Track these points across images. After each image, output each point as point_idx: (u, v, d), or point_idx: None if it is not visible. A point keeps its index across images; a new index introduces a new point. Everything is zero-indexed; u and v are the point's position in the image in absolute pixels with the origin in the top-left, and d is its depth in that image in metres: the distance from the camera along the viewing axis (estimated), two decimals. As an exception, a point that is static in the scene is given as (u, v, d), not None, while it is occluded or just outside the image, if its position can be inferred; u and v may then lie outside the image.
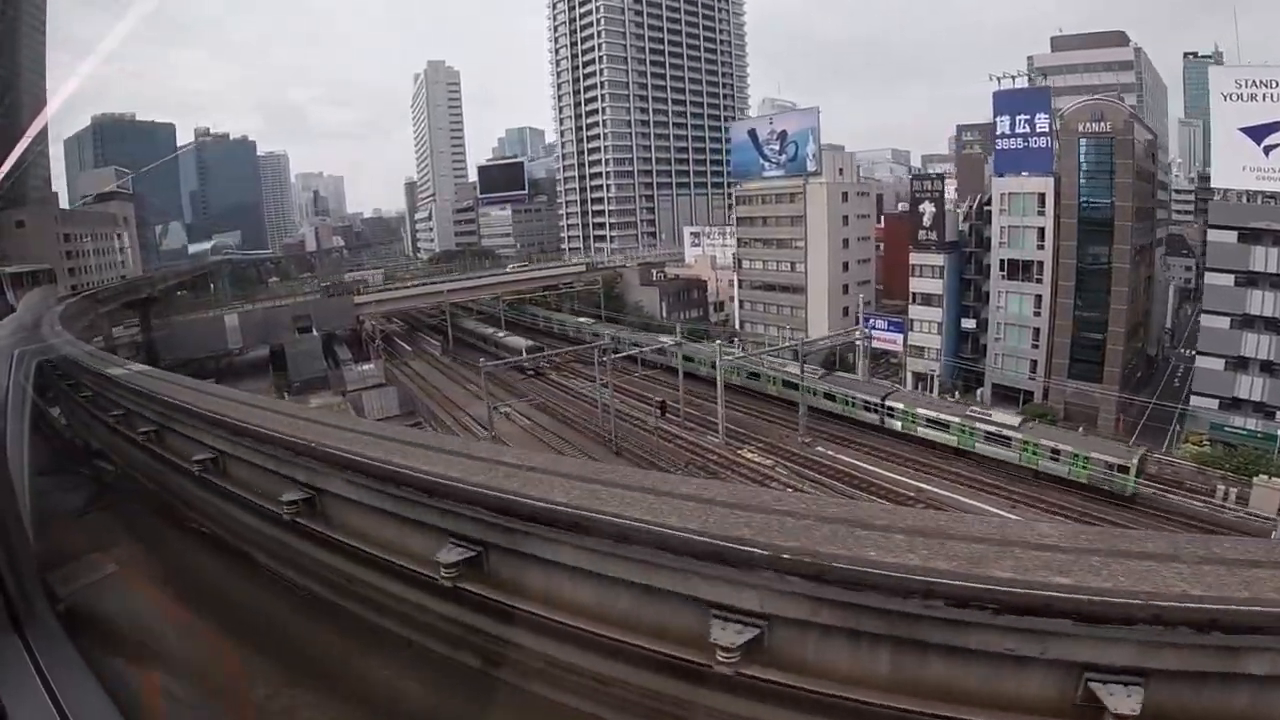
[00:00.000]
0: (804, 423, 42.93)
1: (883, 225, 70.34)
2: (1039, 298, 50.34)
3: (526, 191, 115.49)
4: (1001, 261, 51.25)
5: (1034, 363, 51.15)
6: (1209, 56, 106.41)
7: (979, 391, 53.13)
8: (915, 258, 54.55)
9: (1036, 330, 50.73)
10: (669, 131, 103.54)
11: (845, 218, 60.09)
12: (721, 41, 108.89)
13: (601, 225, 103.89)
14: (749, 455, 41.84)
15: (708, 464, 41.08)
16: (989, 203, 54.05)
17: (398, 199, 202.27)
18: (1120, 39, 69.56)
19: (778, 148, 61.15)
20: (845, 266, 60.62)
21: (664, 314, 71.50)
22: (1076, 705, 3.27)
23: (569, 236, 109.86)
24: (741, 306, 66.69)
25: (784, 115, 61.08)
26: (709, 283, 74.69)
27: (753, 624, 3.60)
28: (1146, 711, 3.08)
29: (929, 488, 37.15)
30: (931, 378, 54.60)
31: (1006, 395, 51.88)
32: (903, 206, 66.34)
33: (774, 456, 41.39)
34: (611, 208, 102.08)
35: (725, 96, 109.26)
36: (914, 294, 55.11)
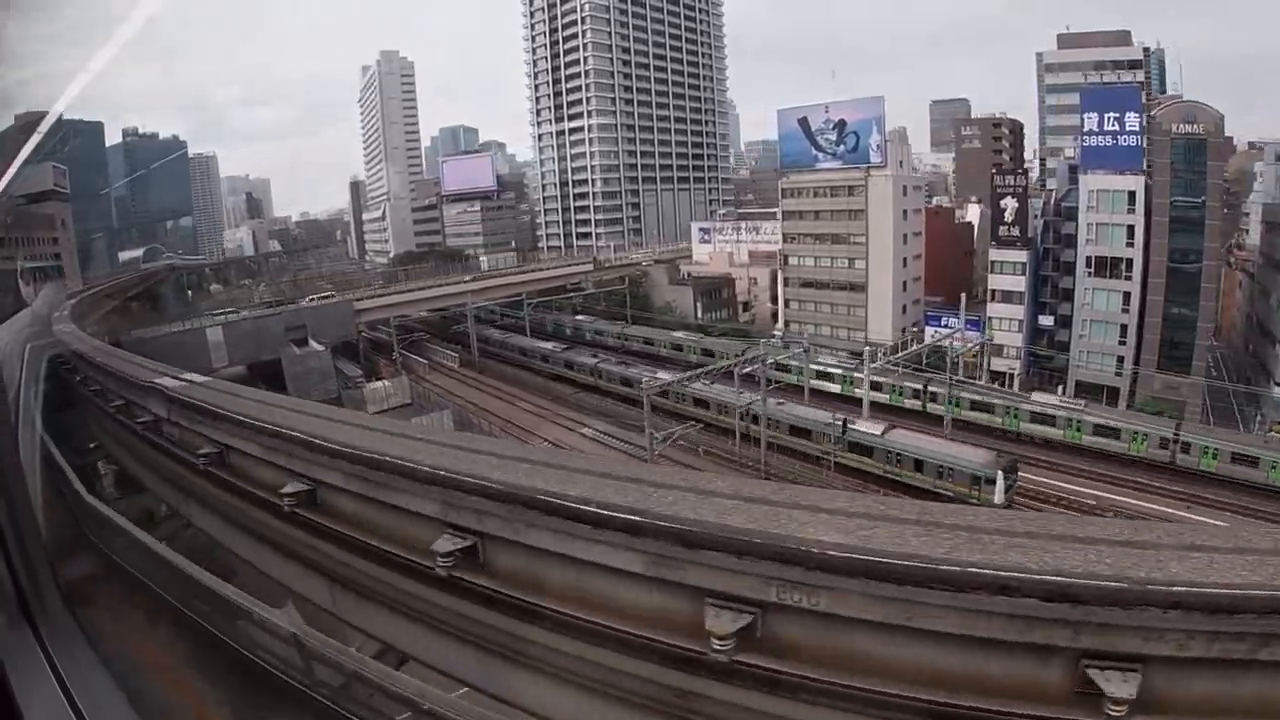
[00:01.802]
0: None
1: (920, 221, 68.98)
2: (1127, 294, 49.94)
3: (495, 188, 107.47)
4: (1088, 258, 50.55)
5: (1120, 358, 50.84)
6: (1149, 50, 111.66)
7: (1059, 388, 52.34)
8: (996, 254, 53.23)
9: (1124, 326, 50.36)
10: (653, 124, 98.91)
11: (905, 212, 57.95)
12: (702, 41, 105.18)
13: (586, 222, 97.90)
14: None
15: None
16: (1065, 198, 53.49)
17: (329, 200, 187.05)
18: (1124, 38, 71.18)
19: (834, 138, 58.10)
20: (904, 263, 58.56)
21: (697, 314, 67.23)
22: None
23: (548, 234, 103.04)
24: (787, 305, 63.37)
25: (842, 103, 57.92)
26: (736, 281, 71.07)
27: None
28: None
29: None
30: (1012, 376, 53.42)
31: (1088, 391, 51.48)
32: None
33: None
34: (598, 203, 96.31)
35: (705, 89, 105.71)
36: (993, 291, 53.92)
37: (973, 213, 73.34)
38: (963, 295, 49.26)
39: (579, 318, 67.54)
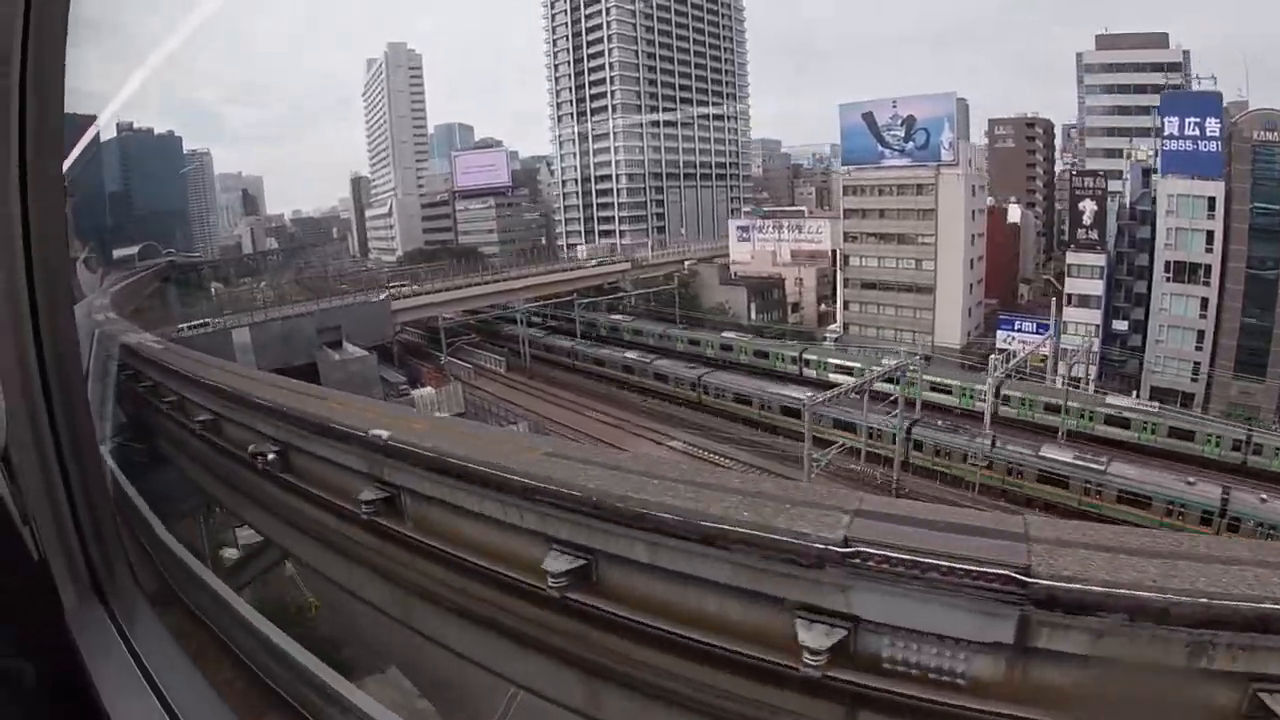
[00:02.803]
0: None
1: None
2: (1205, 300, 49.85)
3: (510, 184, 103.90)
4: (1167, 263, 50.33)
5: (1196, 364, 50.80)
6: (1188, 53, 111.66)
7: (1134, 394, 52.11)
8: (1074, 257, 52.89)
9: (1200, 332, 50.30)
10: (676, 120, 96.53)
11: (973, 212, 57.13)
12: (724, 37, 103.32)
13: (609, 219, 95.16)
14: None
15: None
16: (1139, 201, 53.17)
17: (320, 198, 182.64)
18: (1162, 40, 71.38)
19: (903, 134, 56.94)
20: (970, 264, 57.79)
21: (750, 315, 65.61)
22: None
23: (568, 232, 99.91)
24: (846, 307, 62.08)
25: (912, 99, 56.78)
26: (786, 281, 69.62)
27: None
28: None
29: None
30: (1089, 382, 52.95)
31: (1163, 396, 51.38)
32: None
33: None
34: (622, 200, 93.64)
35: (727, 87, 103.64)
36: (1069, 295, 53.36)
37: (1013, 213, 73.21)
38: (1054, 300, 48.47)
39: (727, 335, 56.92)
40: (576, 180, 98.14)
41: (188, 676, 2.80)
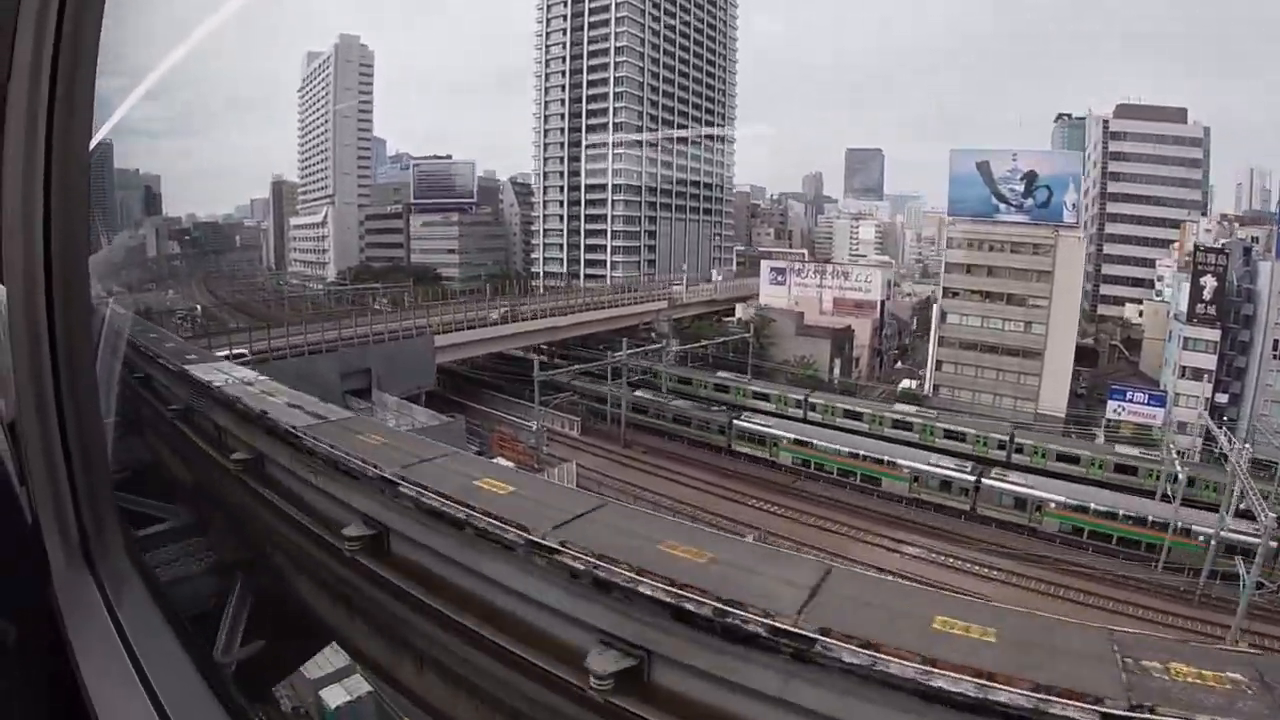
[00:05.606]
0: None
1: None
2: (1308, 377, 51.55)
3: (475, 200, 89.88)
4: (1276, 341, 51.51)
5: (1291, 437, 52.27)
6: (1082, 118, 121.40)
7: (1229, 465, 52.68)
8: (1191, 331, 52.57)
9: (1301, 406, 51.90)
10: (674, 147, 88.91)
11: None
12: (720, 73, 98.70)
13: (598, 248, 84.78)
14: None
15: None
16: (1243, 279, 54.35)
17: (216, 203, 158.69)
18: (1181, 115, 75.94)
19: (1021, 189, 54.22)
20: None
21: (833, 371, 59.76)
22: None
23: (545, 258, 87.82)
24: (939, 368, 58.06)
25: (1033, 154, 54.48)
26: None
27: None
28: None
29: None
30: (1195, 452, 52.77)
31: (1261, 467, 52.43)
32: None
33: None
34: (617, 228, 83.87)
35: (718, 118, 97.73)
36: (1183, 368, 52.93)
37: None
38: (1171, 377, 47.40)
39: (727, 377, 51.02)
40: (563, 203, 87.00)
41: (168, 650, 2.72)
